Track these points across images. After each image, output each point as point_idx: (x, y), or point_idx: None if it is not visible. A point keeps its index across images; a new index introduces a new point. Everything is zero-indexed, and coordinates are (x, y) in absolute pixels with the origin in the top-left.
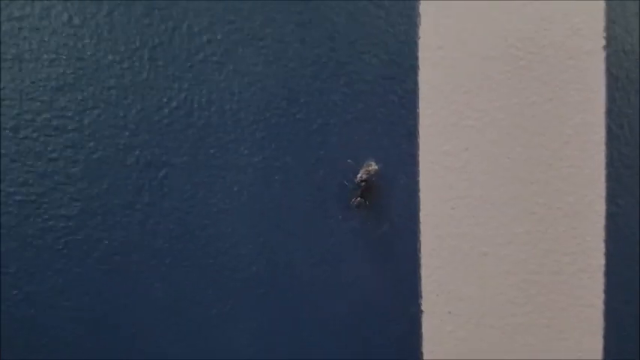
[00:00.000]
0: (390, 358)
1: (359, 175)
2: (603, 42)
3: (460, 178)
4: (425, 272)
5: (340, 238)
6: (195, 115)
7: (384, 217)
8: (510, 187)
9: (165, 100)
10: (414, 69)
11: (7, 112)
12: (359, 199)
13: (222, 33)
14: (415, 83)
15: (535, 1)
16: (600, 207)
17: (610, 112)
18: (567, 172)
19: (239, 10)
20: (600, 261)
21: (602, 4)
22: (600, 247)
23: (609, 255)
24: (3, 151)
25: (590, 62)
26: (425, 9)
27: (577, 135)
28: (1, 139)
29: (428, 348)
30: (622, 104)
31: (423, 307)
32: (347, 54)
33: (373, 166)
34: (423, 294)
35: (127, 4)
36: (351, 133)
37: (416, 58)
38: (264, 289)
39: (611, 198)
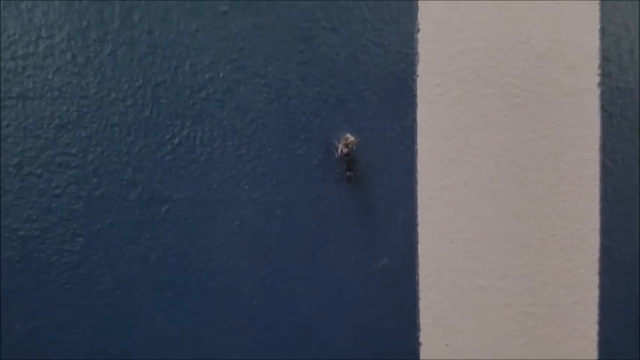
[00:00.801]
0: None
1: (339, 150)
2: (598, 79)
3: (458, 212)
4: (423, 305)
5: (340, 271)
6: (198, 152)
7: (383, 250)
8: (507, 222)
9: (168, 136)
10: (412, 106)
11: (12, 148)
12: (348, 173)
13: (225, 71)
14: (413, 120)
15: (531, 39)
16: (595, 240)
17: (604, 148)
18: (563, 206)
19: (241, 49)
20: (594, 293)
21: (596, 43)
22: (595, 280)
23: (603, 287)
24: (7, 187)
25: (585, 99)
26: (423, 48)
27: (572, 170)
28: (5, 175)
29: None
30: (616, 140)
31: (421, 340)
32: (347, 91)
33: (351, 139)
34: (422, 326)
35: (131, 43)
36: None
37: (414, 96)
38: (265, 322)
39: (606, 232)
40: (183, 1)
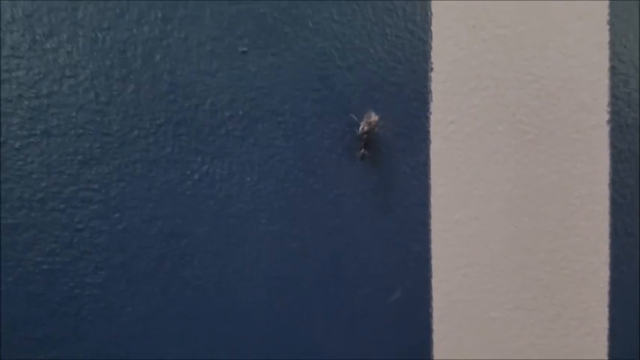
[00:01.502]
0: None
1: (361, 128)
2: (607, 117)
3: (470, 246)
4: (437, 337)
5: (354, 304)
6: (217, 187)
7: (397, 283)
8: (518, 255)
9: (188, 172)
10: (425, 142)
11: (35, 184)
12: (363, 150)
13: (243, 109)
14: (427, 155)
15: (542, 78)
16: (604, 274)
17: (614, 184)
18: (573, 241)
19: (259, 88)
20: (604, 324)
21: (606, 81)
22: (605, 312)
23: (613, 319)
24: (31, 222)
25: (595, 136)
26: (436, 87)
27: (582, 205)
28: (29, 210)
29: None
30: (625, 176)
31: None
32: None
33: (374, 117)
34: (435, 357)
35: (153, 82)
36: (366, 203)
37: (427, 132)
38: (284, 356)
39: (615, 265)
40: (203, 41)
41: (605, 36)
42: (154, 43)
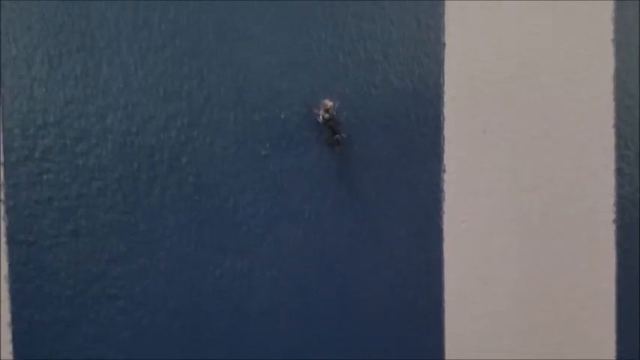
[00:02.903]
0: None
1: (321, 116)
2: (613, 216)
3: (484, 340)
4: None
5: None
6: (238, 283)
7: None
8: (533, 348)
9: (210, 269)
10: (439, 240)
11: (64, 281)
12: (336, 136)
13: (265, 208)
14: (440, 253)
15: (551, 180)
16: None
17: (619, 281)
18: (578, 337)
19: (280, 187)
20: None
21: (612, 183)
22: None
23: None
24: (59, 318)
25: (601, 234)
26: (448, 187)
27: (589, 300)
28: (57, 307)
29: None
30: (630, 274)
31: None
32: (377, 229)
33: (329, 104)
34: None
35: (178, 185)
36: (387, 307)
37: (441, 231)
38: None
39: (622, 357)
40: (227, 145)
41: (610, 139)
42: (180, 147)
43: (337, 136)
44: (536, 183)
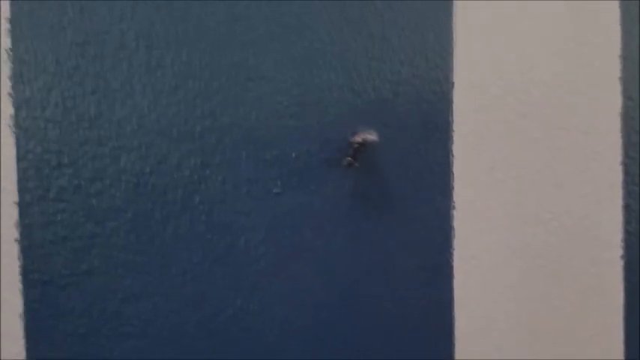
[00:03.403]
0: None
1: (355, 138)
2: (621, 252)
3: None
4: None
5: None
6: (249, 321)
7: None
8: None
9: (222, 307)
10: (449, 277)
11: (78, 320)
12: (348, 159)
13: (276, 247)
14: (450, 290)
15: (560, 216)
16: None
17: (627, 316)
18: None
19: (291, 225)
20: None
21: (620, 218)
22: None
23: None
24: (73, 356)
25: (609, 270)
26: (458, 224)
27: (597, 335)
28: (70, 345)
29: None
30: (638, 309)
31: None
32: (390, 265)
33: (373, 136)
34: None
35: (191, 223)
36: (398, 348)
37: (451, 267)
38: None
39: None
40: (239, 184)
41: (618, 176)
42: (193, 186)
43: (350, 159)
44: (545, 219)
